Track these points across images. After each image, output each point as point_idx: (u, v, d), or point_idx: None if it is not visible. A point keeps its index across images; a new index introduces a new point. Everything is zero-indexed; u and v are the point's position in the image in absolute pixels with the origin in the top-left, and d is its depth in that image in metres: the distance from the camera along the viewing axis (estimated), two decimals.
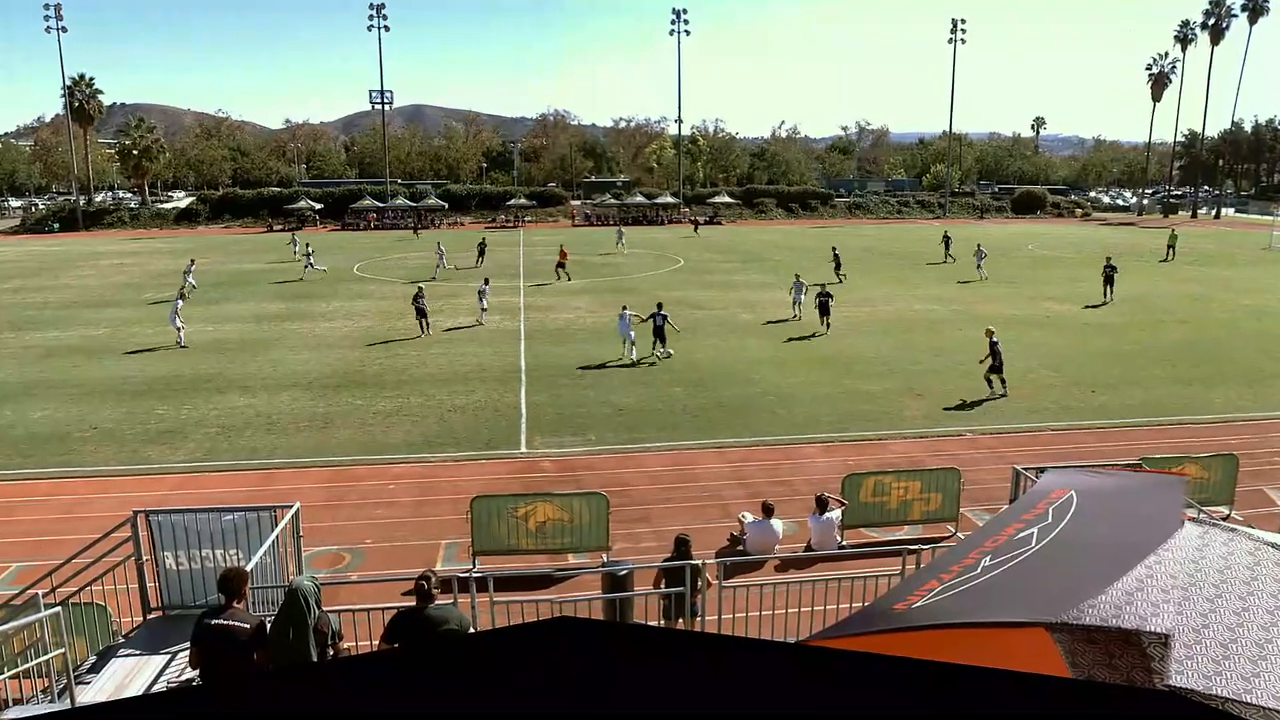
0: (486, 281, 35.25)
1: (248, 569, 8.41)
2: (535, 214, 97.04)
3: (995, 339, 22.79)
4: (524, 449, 18.71)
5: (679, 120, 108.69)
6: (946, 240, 57.01)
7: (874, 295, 39.78)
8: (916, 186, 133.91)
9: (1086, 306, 33.92)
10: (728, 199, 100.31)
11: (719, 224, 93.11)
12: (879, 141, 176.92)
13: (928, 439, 19.40)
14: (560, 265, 44.51)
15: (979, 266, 44.57)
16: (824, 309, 31.25)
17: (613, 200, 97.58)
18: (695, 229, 79.74)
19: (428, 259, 53.50)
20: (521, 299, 39.01)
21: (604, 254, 57.12)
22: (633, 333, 26.51)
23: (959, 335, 30.62)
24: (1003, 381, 22.45)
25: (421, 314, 30.39)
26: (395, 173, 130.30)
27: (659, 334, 26.81)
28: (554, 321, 33.26)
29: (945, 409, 21.55)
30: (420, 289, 31.35)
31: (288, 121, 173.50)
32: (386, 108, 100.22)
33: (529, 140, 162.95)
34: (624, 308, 27.94)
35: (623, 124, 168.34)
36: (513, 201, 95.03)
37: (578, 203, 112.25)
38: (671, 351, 26.88)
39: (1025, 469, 13.21)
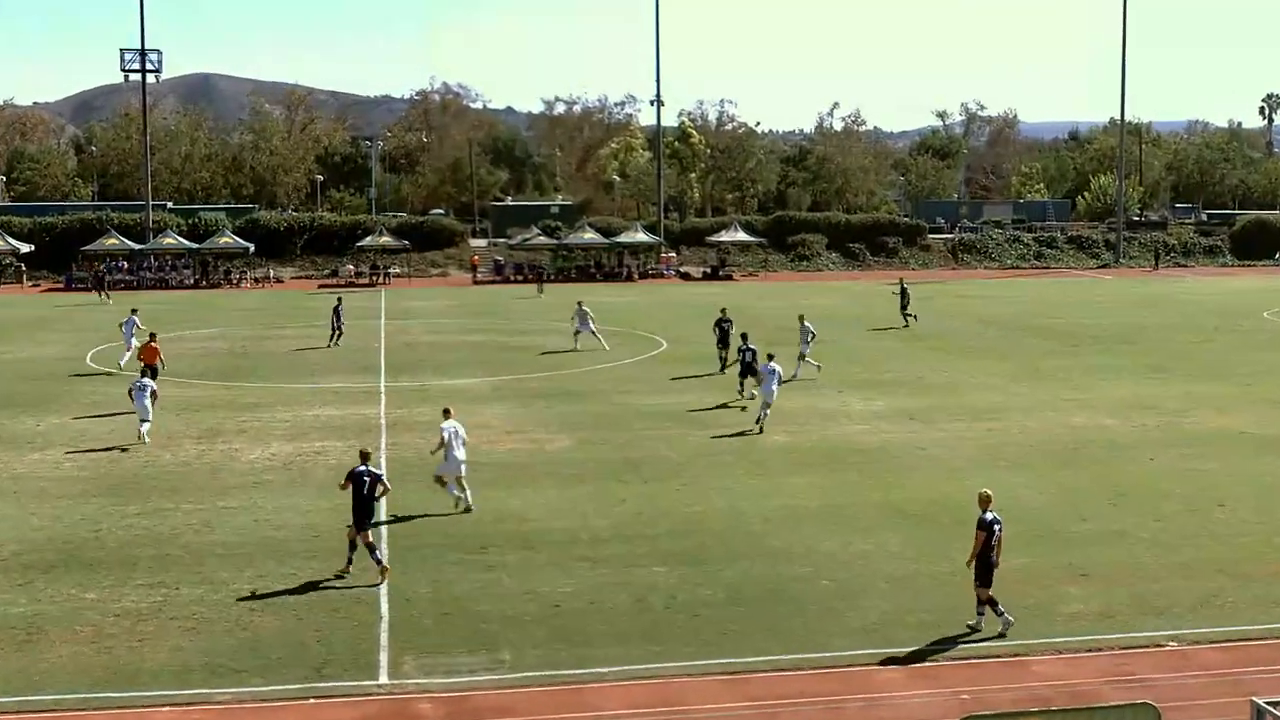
0: None
1: None
2: (408, 262, 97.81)
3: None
4: (385, 679, 18.59)
5: (658, 101, 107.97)
6: (903, 295, 60.81)
7: (1004, 400, 40.40)
8: (1066, 213, 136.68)
9: None
10: (743, 235, 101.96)
11: (729, 278, 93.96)
12: (1000, 138, 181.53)
13: (1101, 652, 19.35)
14: (148, 367, 40.02)
15: (804, 356, 45.00)
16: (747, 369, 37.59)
17: (544, 238, 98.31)
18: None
19: (218, 344, 53.31)
20: (382, 410, 39.21)
21: (523, 332, 57.33)
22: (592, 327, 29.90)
23: (1155, 470, 30.98)
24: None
25: None
26: (165, 191, 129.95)
27: (746, 370, 36.12)
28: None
29: (1132, 598, 21.61)
30: None
31: None
32: (151, 79, 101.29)
33: (399, 135, 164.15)
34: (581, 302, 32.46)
35: (561, 108, 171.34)
36: (369, 241, 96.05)
37: (482, 242, 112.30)
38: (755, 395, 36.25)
39: (1271, 703, 13.10)
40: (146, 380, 35.51)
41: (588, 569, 23.12)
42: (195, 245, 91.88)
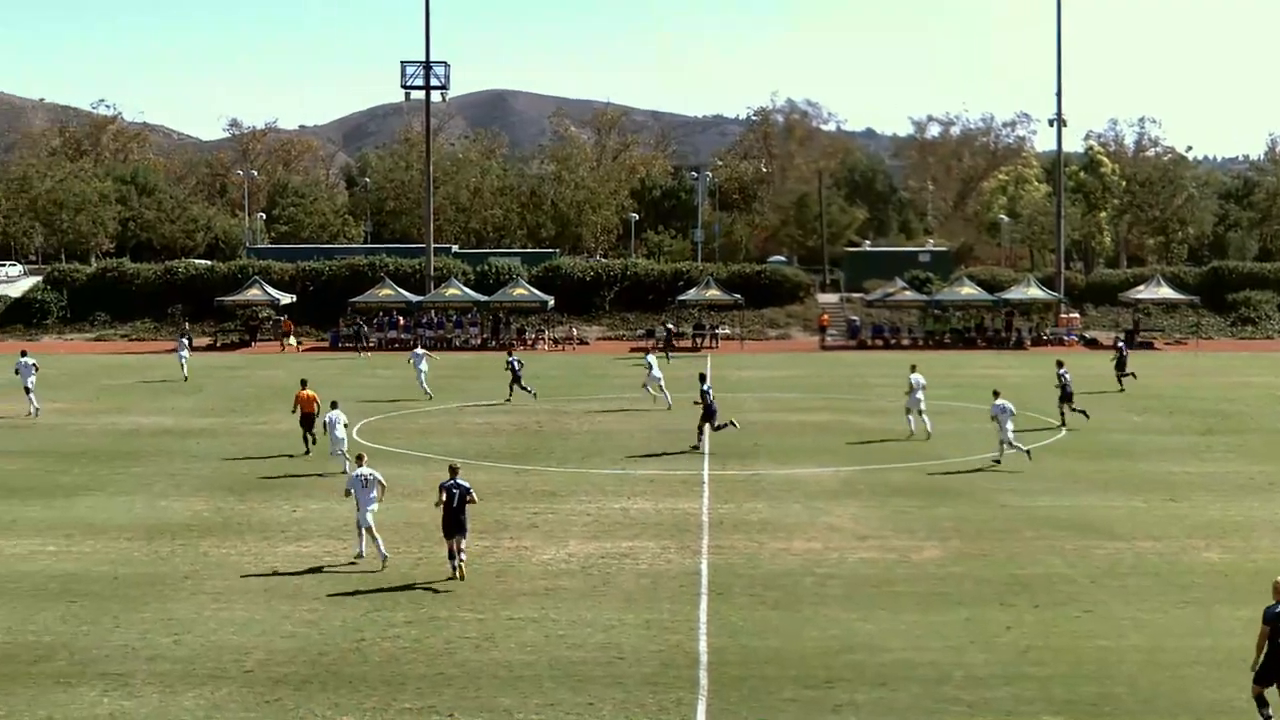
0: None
1: None
2: (740, 321, 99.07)
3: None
4: None
5: (1058, 120, 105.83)
6: (1120, 353, 65.59)
7: None
8: None
9: None
10: (1168, 291, 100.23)
11: (1149, 346, 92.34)
12: None
13: None
14: (306, 416, 47.08)
15: (915, 410, 50.93)
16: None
17: (910, 293, 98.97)
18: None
19: (507, 420, 53.83)
20: (705, 504, 39.12)
21: (883, 411, 56.65)
22: None
23: None
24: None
25: None
26: (449, 231, 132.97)
27: (708, 415, 48.09)
28: (777, 557, 33.16)
29: None
30: None
31: (234, 125, 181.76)
32: (436, 97, 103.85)
33: (731, 164, 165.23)
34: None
35: (935, 130, 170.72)
36: (693, 294, 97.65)
37: (833, 298, 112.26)
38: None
39: None
40: (336, 414, 42.48)
41: (960, 716, 22.44)
42: (484, 298, 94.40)
